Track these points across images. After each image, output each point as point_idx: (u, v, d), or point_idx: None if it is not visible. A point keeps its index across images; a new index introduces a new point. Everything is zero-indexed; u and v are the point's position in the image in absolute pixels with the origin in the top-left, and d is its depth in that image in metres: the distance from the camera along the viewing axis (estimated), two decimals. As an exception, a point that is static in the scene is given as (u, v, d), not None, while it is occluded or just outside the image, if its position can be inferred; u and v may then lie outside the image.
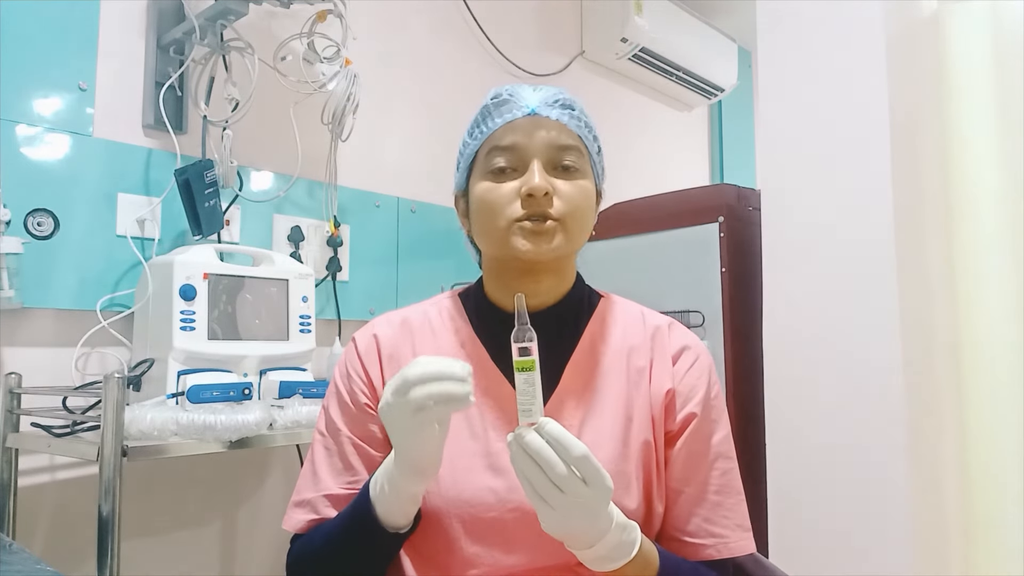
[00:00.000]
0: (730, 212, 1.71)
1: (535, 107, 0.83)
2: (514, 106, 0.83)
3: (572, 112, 0.84)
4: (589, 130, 0.86)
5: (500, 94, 0.85)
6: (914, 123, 1.29)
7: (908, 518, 1.28)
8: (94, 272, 1.42)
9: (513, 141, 0.81)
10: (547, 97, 0.84)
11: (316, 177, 1.76)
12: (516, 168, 0.81)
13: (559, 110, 0.83)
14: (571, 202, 0.81)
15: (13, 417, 1.29)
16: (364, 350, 0.88)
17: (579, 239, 0.84)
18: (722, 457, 0.84)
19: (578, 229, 0.83)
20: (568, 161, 0.82)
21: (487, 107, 0.85)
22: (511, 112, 0.83)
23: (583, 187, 0.83)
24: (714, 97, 3.08)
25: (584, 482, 0.65)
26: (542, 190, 0.78)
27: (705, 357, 0.89)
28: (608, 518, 0.69)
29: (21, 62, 1.35)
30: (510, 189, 0.81)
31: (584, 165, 0.84)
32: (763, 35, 1.60)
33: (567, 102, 0.85)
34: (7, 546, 0.94)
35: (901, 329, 1.31)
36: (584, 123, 0.85)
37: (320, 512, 0.82)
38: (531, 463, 0.65)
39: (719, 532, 0.82)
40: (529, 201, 0.79)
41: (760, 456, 1.52)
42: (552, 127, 0.82)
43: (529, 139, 0.81)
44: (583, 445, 0.65)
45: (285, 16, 1.65)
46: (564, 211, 0.80)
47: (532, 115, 0.82)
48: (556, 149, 0.82)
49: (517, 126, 0.82)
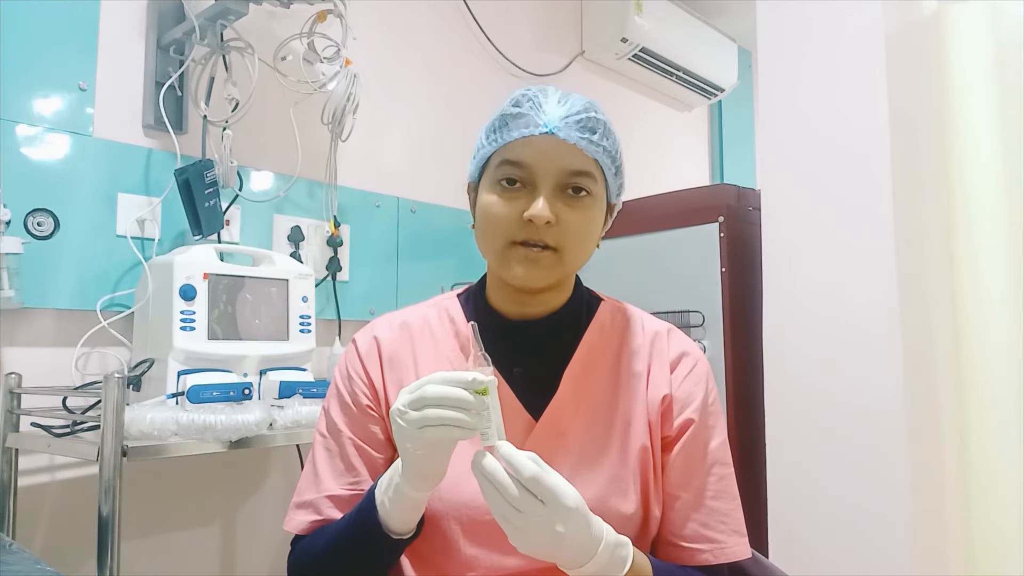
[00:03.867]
0: (730, 212, 1.71)
1: (554, 127, 0.79)
2: (532, 121, 0.79)
3: (592, 137, 0.80)
4: (607, 154, 0.82)
5: (521, 104, 0.81)
6: (914, 123, 1.29)
7: (908, 518, 1.28)
8: (94, 272, 1.42)
9: (525, 159, 0.79)
10: (570, 115, 0.80)
11: (316, 177, 1.76)
12: (525, 185, 0.80)
13: (579, 133, 0.79)
14: (572, 231, 0.80)
15: (13, 417, 1.29)
16: (365, 352, 0.88)
17: (577, 263, 0.84)
18: (719, 463, 0.85)
19: (575, 256, 0.82)
20: (578, 184, 0.80)
21: (506, 115, 0.82)
22: (528, 128, 0.79)
23: (588, 215, 0.81)
24: (714, 97, 3.08)
25: (541, 502, 0.65)
26: (543, 219, 0.77)
27: (703, 364, 0.89)
28: (596, 537, 0.69)
29: (21, 62, 1.35)
30: (513, 209, 0.79)
31: (595, 188, 0.82)
32: (763, 35, 1.60)
33: (590, 123, 0.80)
34: (7, 546, 0.94)
35: (901, 329, 1.31)
36: (604, 148, 0.81)
37: (322, 513, 0.82)
38: (489, 486, 0.66)
39: (715, 537, 0.82)
40: (529, 227, 0.78)
41: (759, 457, 1.52)
42: (567, 150, 0.79)
43: (541, 160, 0.79)
44: (534, 466, 0.66)
45: (285, 16, 1.65)
46: (563, 241, 0.79)
47: (549, 134, 0.79)
48: (568, 174, 0.79)
49: (532, 143, 0.79)
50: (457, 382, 0.67)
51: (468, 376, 0.68)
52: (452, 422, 0.66)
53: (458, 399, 0.67)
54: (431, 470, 0.71)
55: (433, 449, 0.69)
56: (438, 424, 0.67)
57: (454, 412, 0.66)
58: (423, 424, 0.67)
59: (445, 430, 0.67)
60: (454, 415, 0.66)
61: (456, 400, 0.67)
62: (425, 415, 0.67)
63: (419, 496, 0.73)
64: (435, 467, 0.72)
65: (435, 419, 0.66)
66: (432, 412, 0.67)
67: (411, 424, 0.67)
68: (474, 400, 0.67)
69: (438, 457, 0.71)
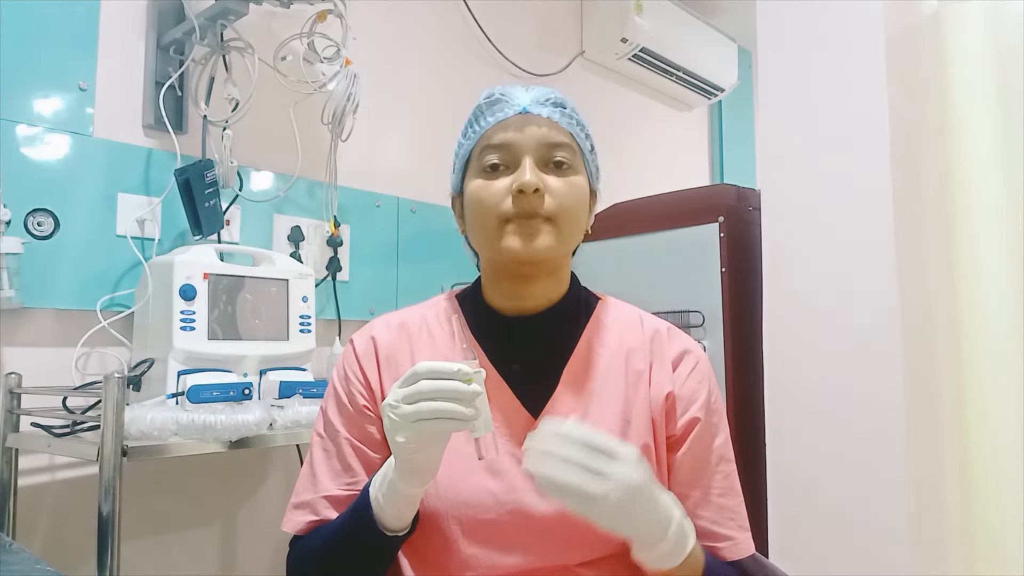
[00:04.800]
0: (730, 212, 1.70)
1: (526, 105, 0.83)
2: (506, 105, 0.83)
3: (563, 110, 0.84)
4: (581, 128, 0.86)
5: (492, 94, 0.85)
6: (914, 123, 1.29)
7: (908, 517, 1.28)
8: (94, 272, 1.42)
9: (505, 139, 0.82)
10: (538, 96, 0.84)
11: (316, 177, 1.76)
12: (508, 165, 0.81)
13: (550, 108, 0.83)
14: (563, 199, 0.81)
15: (13, 417, 1.29)
16: (362, 352, 0.88)
17: (572, 238, 0.84)
18: (724, 460, 0.85)
19: (570, 227, 0.82)
20: (560, 157, 0.82)
21: (480, 107, 0.86)
22: (503, 111, 0.83)
23: (575, 184, 0.83)
24: (714, 97, 3.08)
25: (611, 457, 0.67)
26: (532, 186, 0.78)
27: (704, 362, 0.89)
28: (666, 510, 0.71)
29: (21, 62, 1.35)
30: (502, 186, 0.81)
31: (577, 162, 0.84)
32: (763, 35, 1.60)
33: (558, 100, 0.85)
34: (7, 546, 0.94)
35: (901, 329, 1.31)
36: (576, 121, 0.85)
37: (320, 513, 0.82)
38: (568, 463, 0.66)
39: (725, 534, 0.83)
40: (520, 198, 0.79)
41: (760, 456, 1.52)
42: (543, 124, 0.82)
43: (520, 136, 0.81)
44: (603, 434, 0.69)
45: (285, 16, 1.65)
46: (555, 208, 0.80)
47: (523, 113, 0.83)
48: (547, 146, 0.82)
49: (508, 124, 0.82)
50: (442, 373, 0.68)
51: (453, 367, 0.68)
52: (447, 414, 0.66)
53: (452, 390, 0.67)
54: (423, 466, 0.71)
55: (426, 443, 0.69)
56: (433, 417, 0.67)
57: (449, 404, 0.67)
58: (417, 418, 0.67)
59: (440, 423, 0.67)
60: (449, 407, 0.67)
61: (450, 392, 0.67)
62: (419, 408, 0.67)
63: (413, 492, 0.73)
64: (427, 463, 0.72)
65: (429, 412, 0.66)
66: (426, 405, 0.67)
67: (404, 418, 0.67)
68: (468, 391, 0.67)
69: (430, 452, 0.71)
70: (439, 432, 0.69)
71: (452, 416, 0.67)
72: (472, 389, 0.67)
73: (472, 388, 0.67)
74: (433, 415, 0.67)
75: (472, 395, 0.67)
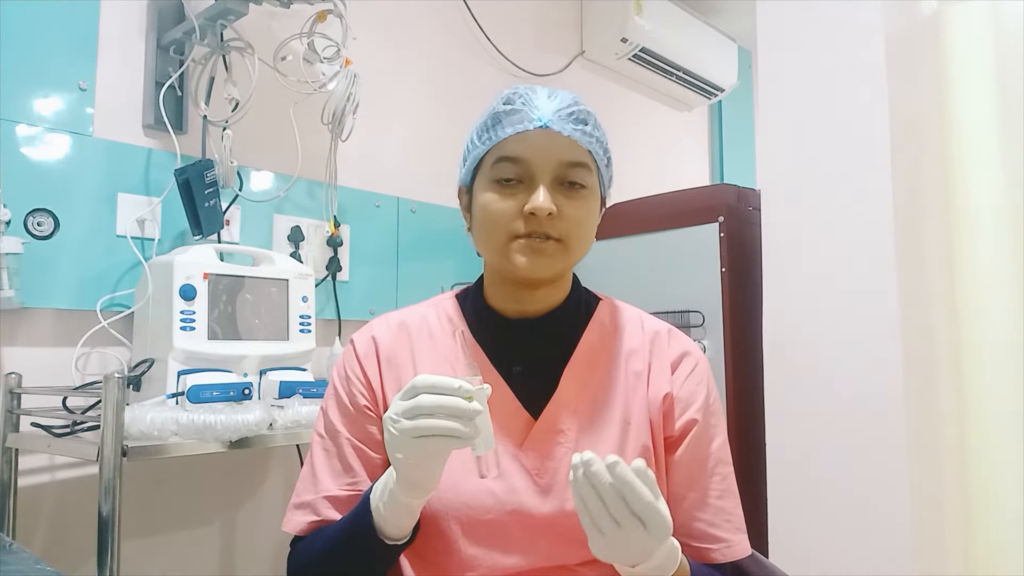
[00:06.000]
0: (730, 212, 1.71)
1: (548, 120, 0.80)
2: (525, 117, 0.80)
3: (585, 128, 0.82)
4: (600, 144, 0.84)
5: (512, 101, 0.82)
6: (914, 123, 1.29)
7: (908, 517, 1.28)
8: (94, 272, 1.42)
9: (522, 154, 0.80)
10: (561, 108, 0.81)
11: (316, 177, 1.76)
12: (522, 181, 0.80)
13: (572, 125, 0.81)
14: (574, 222, 0.80)
15: (13, 417, 1.29)
16: (363, 352, 0.88)
17: (579, 254, 0.84)
18: (722, 462, 0.85)
19: (578, 247, 0.83)
20: (575, 178, 0.81)
21: (498, 113, 0.82)
22: (522, 123, 0.80)
23: (587, 206, 0.82)
24: (714, 97, 3.08)
25: (643, 525, 0.64)
26: (546, 211, 0.77)
27: (704, 363, 0.89)
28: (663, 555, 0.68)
29: (21, 62, 1.35)
30: (514, 205, 0.79)
31: (591, 180, 0.83)
32: (763, 35, 1.60)
33: (580, 115, 0.82)
34: (7, 546, 0.94)
35: (901, 329, 1.31)
36: (596, 139, 0.83)
37: (320, 514, 0.82)
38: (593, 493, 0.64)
39: (723, 536, 0.83)
40: (532, 220, 0.78)
41: (760, 456, 1.52)
42: (563, 143, 0.80)
43: (538, 154, 0.79)
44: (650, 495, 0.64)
45: (285, 16, 1.65)
46: (566, 231, 0.80)
47: (544, 128, 0.80)
48: (565, 166, 0.80)
49: (527, 138, 0.80)
50: (442, 388, 0.66)
51: (454, 383, 0.67)
52: (446, 431, 0.66)
53: (453, 407, 0.66)
54: (423, 479, 0.71)
55: (425, 459, 0.69)
56: (431, 434, 0.66)
57: (449, 422, 0.66)
58: (417, 434, 0.66)
59: (439, 440, 0.66)
60: (449, 425, 0.66)
61: (450, 409, 0.66)
62: (418, 425, 0.66)
63: (413, 503, 0.73)
64: (427, 477, 0.71)
65: (428, 429, 0.66)
66: (425, 422, 0.66)
67: (404, 433, 0.67)
68: (468, 408, 0.66)
69: (430, 467, 0.70)
70: (438, 450, 0.68)
71: (451, 434, 0.66)
72: (472, 407, 0.66)
73: (472, 406, 0.66)
74: (431, 432, 0.66)
75: (472, 413, 0.66)
